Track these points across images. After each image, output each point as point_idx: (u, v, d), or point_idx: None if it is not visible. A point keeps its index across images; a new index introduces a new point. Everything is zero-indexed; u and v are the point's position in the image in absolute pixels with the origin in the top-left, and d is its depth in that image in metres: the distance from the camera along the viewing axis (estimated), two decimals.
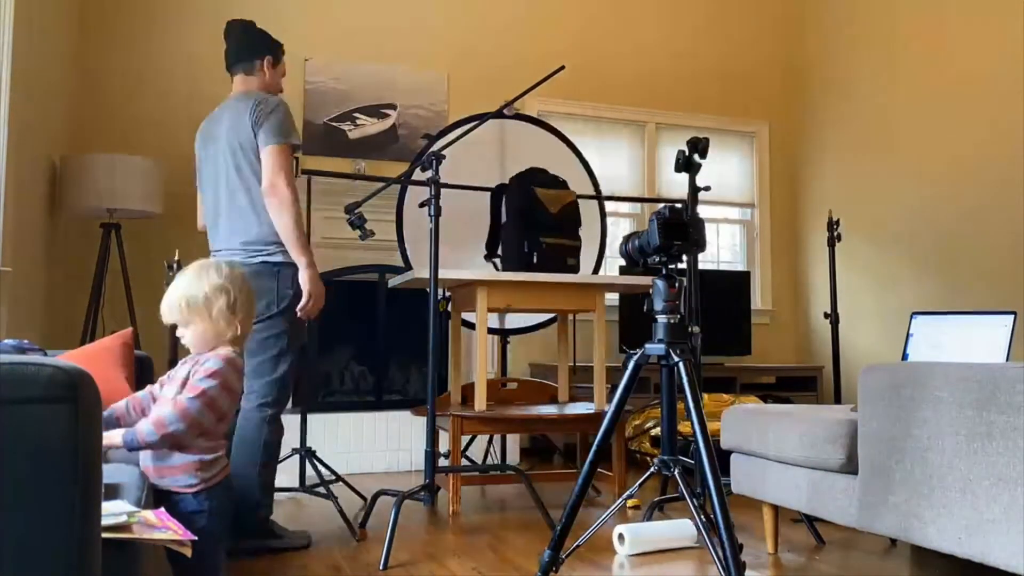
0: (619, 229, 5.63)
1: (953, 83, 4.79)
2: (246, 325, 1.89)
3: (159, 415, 1.70)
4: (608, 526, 2.88)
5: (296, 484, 3.41)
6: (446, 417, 3.36)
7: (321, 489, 3.09)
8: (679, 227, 2.11)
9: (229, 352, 1.82)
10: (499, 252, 3.82)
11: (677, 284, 2.14)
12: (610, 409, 2.11)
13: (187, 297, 1.84)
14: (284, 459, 3.08)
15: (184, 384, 1.79)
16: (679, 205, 2.26)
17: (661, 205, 2.82)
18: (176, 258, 3.19)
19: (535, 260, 3.65)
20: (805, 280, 5.94)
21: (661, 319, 2.13)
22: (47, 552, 1.03)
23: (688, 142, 3.00)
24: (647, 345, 2.14)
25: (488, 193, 3.89)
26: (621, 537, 2.68)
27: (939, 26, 4.92)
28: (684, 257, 2.23)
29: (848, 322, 5.44)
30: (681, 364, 2.07)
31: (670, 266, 2.16)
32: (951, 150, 4.78)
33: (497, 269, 3.87)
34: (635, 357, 2.13)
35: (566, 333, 4.01)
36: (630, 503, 3.45)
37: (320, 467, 3.14)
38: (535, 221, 3.66)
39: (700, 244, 2.16)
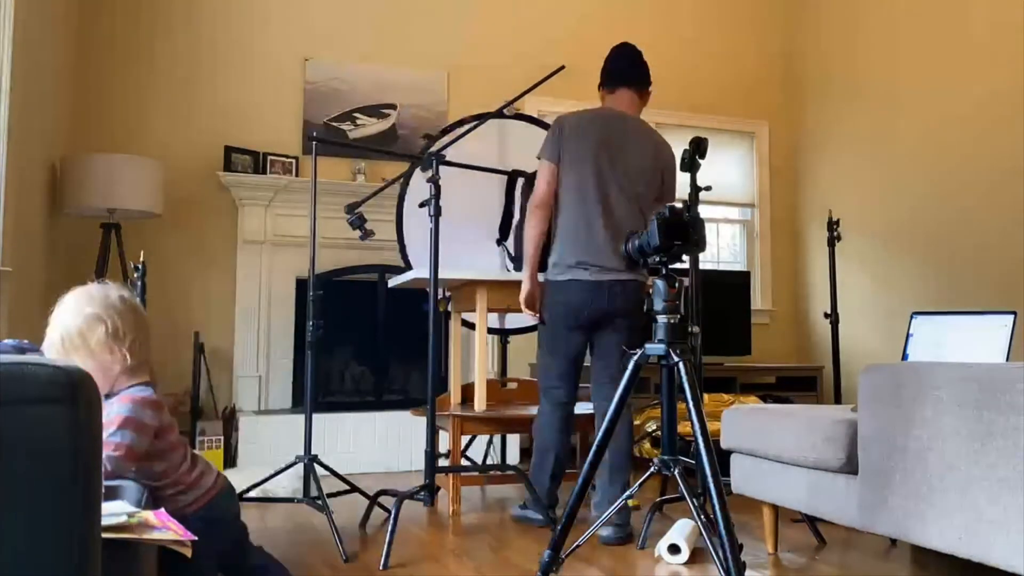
0: None
1: (953, 83, 4.79)
2: (140, 351, 1.72)
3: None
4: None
5: (301, 492, 3.40)
6: (446, 417, 3.36)
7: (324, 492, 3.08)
8: (679, 227, 2.11)
9: (132, 393, 1.68)
10: (510, 238, 3.84)
11: (677, 284, 2.14)
12: (610, 409, 2.11)
13: (62, 333, 1.67)
14: (288, 466, 3.07)
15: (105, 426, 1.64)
16: (679, 205, 2.26)
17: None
18: (141, 259, 3.17)
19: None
20: (805, 280, 5.94)
21: (661, 319, 2.12)
22: (47, 552, 1.03)
23: (691, 141, 3.00)
24: (647, 345, 2.13)
25: (487, 190, 3.89)
26: (674, 548, 2.58)
27: (939, 25, 4.92)
28: (684, 257, 2.22)
29: (848, 322, 5.44)
30: (681, 364, 2.07)
31: (670, 266, 2.16)
32: (951, 150, 4.78)
33: (509, 256, 3.88)
34: (635, 357, 2.13)
35: None
36: (630, 503, 3.44)
37: (318, 479, 3.10)
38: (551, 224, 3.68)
39: (700, 244, 2.16)
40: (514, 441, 4.50)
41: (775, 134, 6.05)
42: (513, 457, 4.45)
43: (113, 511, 1.30)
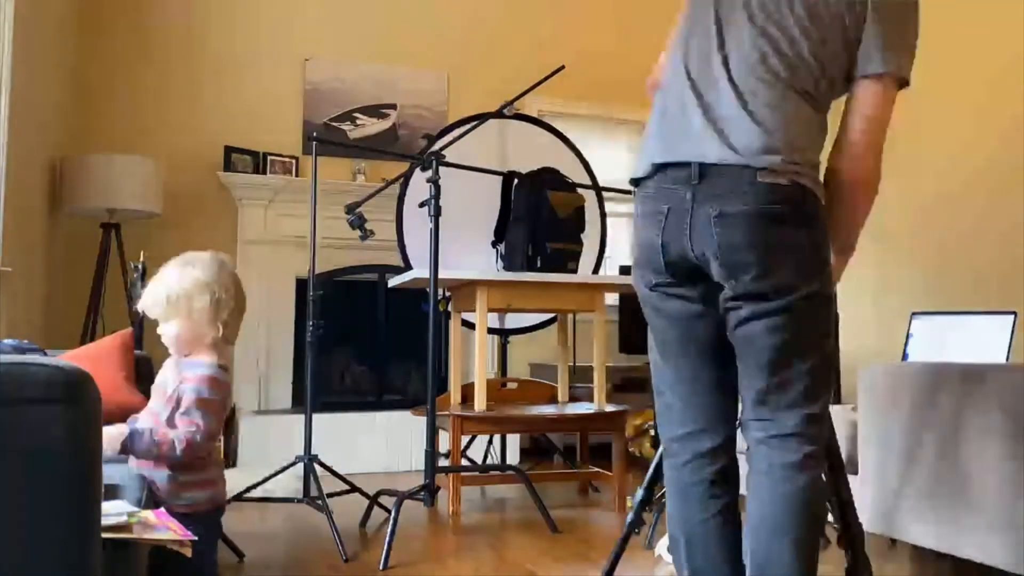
0: (619, 230, 5.63)
1: (953, 83, 4.79)
2: (232, 327, 1.78)
3: (166, 435, 1.65)
4: (615, 528, 2.87)
5: (301, 492, 3.40)
6: (446, 417, 3.36)
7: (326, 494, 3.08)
8: None
9: (214, 371, 1.73)
10: (504, 245, 3.85)
11: None
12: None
13: (168, 292, 1.73)
14: (288, 466, 3.07)
15: (172, 401, 1.71)
16: None
17: None
18: (142, 259, 3.17)
19: (538, 264, 3.68)
20: None
21: None
22: (47, 552, 1.03)
23: None
24: None
25: (488, 186, 3.89)
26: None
27: (939, 25, 4.92)
28: None
29: (848, 322, 5.44)
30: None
31: None
32: (951, 150, 4.78)
33: (500, 257, 3.89)
34: None
35: (566, 333, 4.01)
36: (630, 503, 3.44)
37: (318, 479, 3.10)
38: (543, 225, 3.68)
39: None
40: (514, 441, 4.50)
41: None
42: (513, 457, 4.45)
43: (113, 511, 1.30)
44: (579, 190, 3.87)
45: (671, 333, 1.62)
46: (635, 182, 1.64)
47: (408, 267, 3.92)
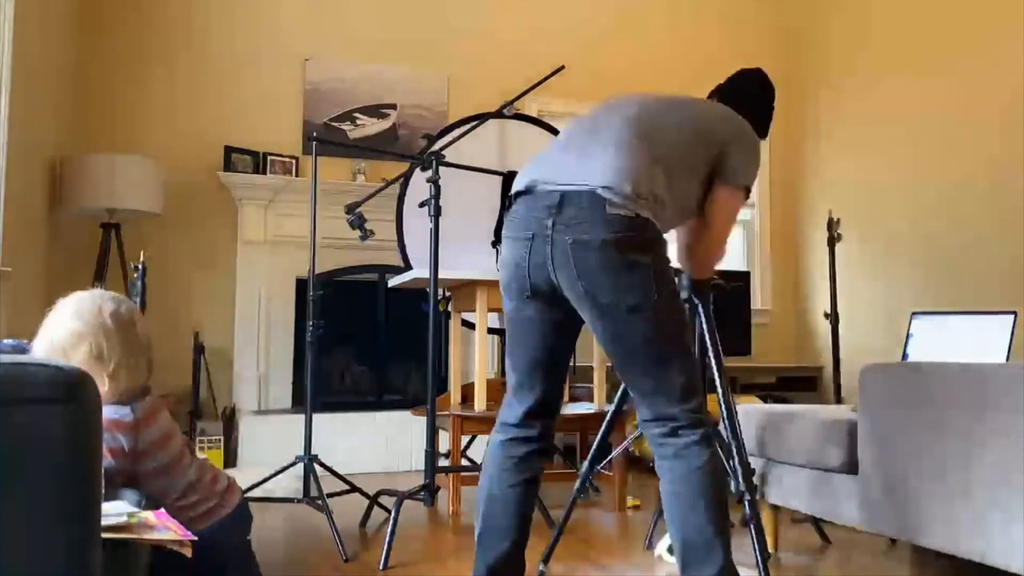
0: None
1: (954, 83, 4.79)
2: (126, 377, 1.60)
3: None
4: (629, 533, 2.87)
5: (301, 492, 3.40)
6: (446, 417, 3.36)
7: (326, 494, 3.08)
8: None
9: (107, 413, 1.52)
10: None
11: None
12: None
13: (47, 344, 1.60)
14: (288, 466, 3.07)
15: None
16: None
17: None
18: (142, 259, 3.17)
19: None
20: (805, 280, 5.94)
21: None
22: (47, 552, 1.03)
23: None
24: None
25: (488, 186, 3.89)
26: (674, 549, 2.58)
27: (940, 25, 4.92)
28: None
29: (848, 322, 5.44)
30: (700, 307, 2.30)
31: None
32: (951, 150, 4.78)
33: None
34: None
35: None
36: (630, 503, 3.45)
37: (318, 479, 3.10)
38: None
39: None
40: None
41: (775, 134, 6.05)
42: None
43: (113, 511, 1.30)
44: None
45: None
46: None
47: (408, 267, 3.93)
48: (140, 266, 3.14)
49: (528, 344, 1.88)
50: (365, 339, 4.83)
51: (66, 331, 1.60)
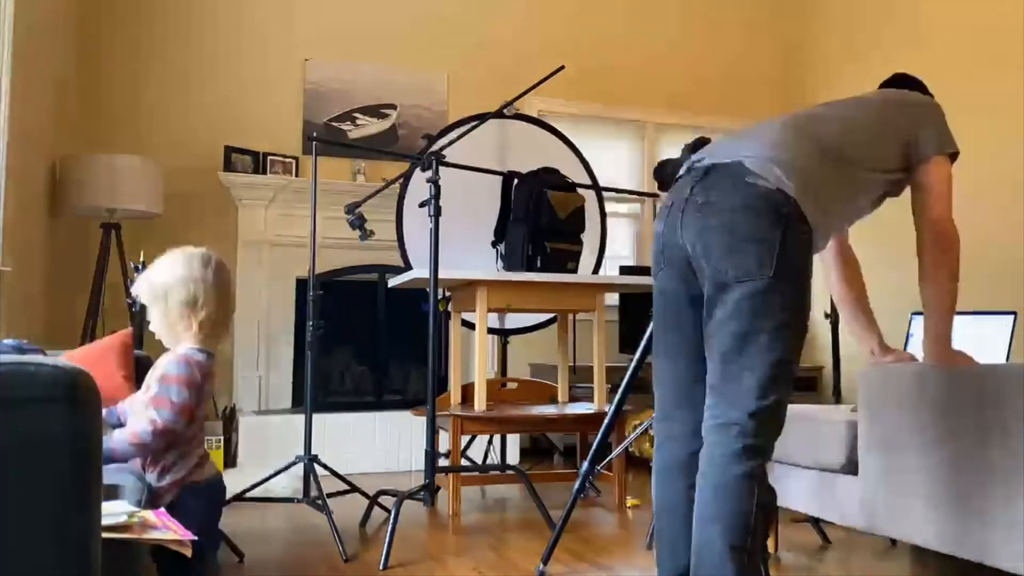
0: (619, 230, 5.63)
1: (952, 83, 4.79)
2: (211, 326, 1.83)
3: (133, 429, 1.69)
4: (629, 533, 2.87)
5: (301, 492, 3.40)
6: (446, 417, 3.36)
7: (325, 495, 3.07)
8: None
9: (185, 350, 1.79)
10: (504, 245, 3.84)
11: None
12: (632, 364, 2.15)
13: (151, 280, 1.82)
14: (288, 466, 3.07)
15: (147, 390, 1.77)
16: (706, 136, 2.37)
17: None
18: (142, 259, 3.17)
19: (538, 264, 3.67)
20: None
21: None
22: (47, 552, 1.03)
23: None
24: None
25: (488, 186, 3.89)
26: None
27: (939, 25, 4.92)
28: None
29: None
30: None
31: None
32: None
33: (500, 257, 3.89)
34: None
35: (566, 333, 4.01)
36: (630, 503, 3.45)
37: (318, 479, 3.11)
38: (543, 225, 3.68)
39: None
40: (514, 441, 4.50)
41: None
42: (513, 457, 4.45)
43: (113, 511, 1.30)
44: (579, 190, 3.87)
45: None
46: None
47: (408, 267, 3.92)
48: (140, 266, 3.14)
49: (669, 320, 1.75)
50: (365, 339, 4.83)
51: (172, 275, 1.80)
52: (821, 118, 1.80)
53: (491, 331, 4.10)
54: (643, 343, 2.39)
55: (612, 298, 5.17)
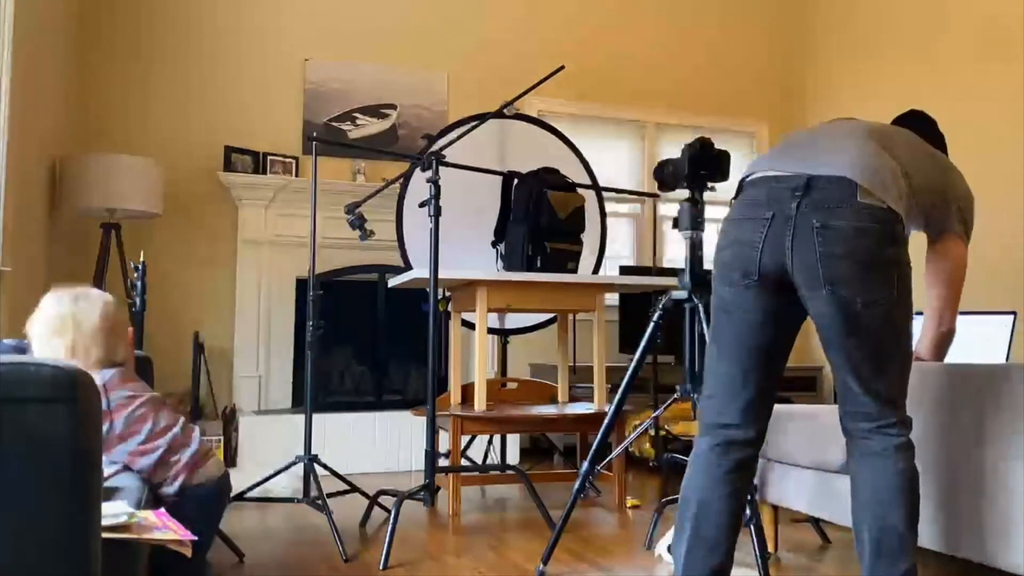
0: (619, 230, 5.64)
1: (952, 83, 4.79)
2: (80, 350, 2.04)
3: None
4: (629, 533, 2.87)
5: (301, 492, 3.40)
6: (446, 417, 3.36)
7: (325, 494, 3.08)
8: (707, 159, 2.40)
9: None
10: (504, 245, 3.84)
11: (700, 206, 2.43)
12: (632, 364, 2.20)
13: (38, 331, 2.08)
14: (288, 466, 3.07)
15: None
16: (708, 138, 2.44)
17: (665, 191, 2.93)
18: (142, 259, 3.17)
19: (538, 264, 3.68)
20: None
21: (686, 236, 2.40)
22: (47, 552, 1.03)
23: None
24: (671, 292, 2.41)
25: (488, 186, 3.89)
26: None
27: (938, 25, 4.92)
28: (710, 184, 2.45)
29: None
30: (700, 306, 2.34)
31: (696, 193, 2.42)
32: (949, 149, 4.78)
33: (500, 257, 3.89)
34: (662, 301, 2.38)
35: (566, 333, 4.01)
36: (630, 503, 3.45)
37: (318, 479, 3.11)
38: (543, 225, 3.68)
39: (724, 174, 2.43)
40: (514, 441, 4.50)
41: (775, 134, 6.05)
42: (513, 457, 4.45)
43: (113, 511, 1.30)
44: (579, 190, 3.87)
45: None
46: None
47: (408, 267, 3.92)
48: (140, 266, 3.14)
49: (742, 333, 1.77)
50: (365, 339, 4.83)
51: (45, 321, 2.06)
52: (890, 139, 1.86)
53: (491, 331, 4.11)
54: (643, 343, 2.39)
55: (612, 298, 5.17)
